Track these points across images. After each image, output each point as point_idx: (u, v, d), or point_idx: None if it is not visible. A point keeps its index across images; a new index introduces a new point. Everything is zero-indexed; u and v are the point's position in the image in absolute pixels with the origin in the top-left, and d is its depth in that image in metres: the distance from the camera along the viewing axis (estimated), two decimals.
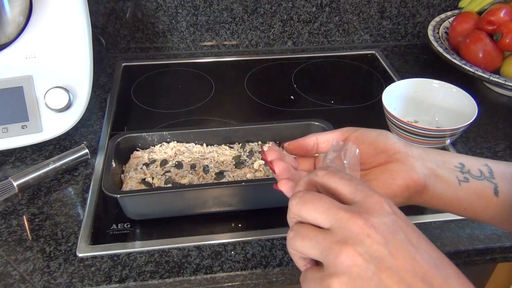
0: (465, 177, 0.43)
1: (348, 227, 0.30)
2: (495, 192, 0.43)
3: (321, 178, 0.35)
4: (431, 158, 0.44)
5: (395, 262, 0.29)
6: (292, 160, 0.48)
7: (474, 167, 0.44)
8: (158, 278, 0.56)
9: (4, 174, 0.71)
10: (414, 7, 1.06)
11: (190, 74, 0.99)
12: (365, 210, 0.31)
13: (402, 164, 0.42)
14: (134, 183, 0.63)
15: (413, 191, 0.42)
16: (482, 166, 0.44)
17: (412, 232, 0.31)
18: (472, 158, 0.45)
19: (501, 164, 0.45)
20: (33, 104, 0.71)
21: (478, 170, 0.44)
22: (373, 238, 0.30)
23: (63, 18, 0.71)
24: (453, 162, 0.44)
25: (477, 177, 0.43)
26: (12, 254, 0.59)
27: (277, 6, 1.02)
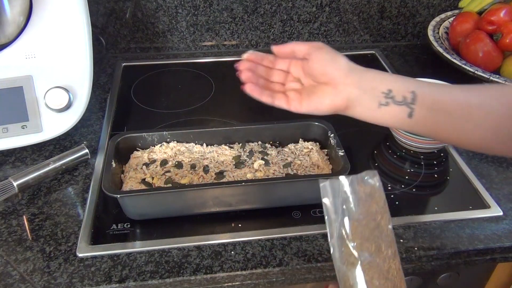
0: (387, 101, 0.52)
1: None
2: (410, 115, 0.52)
3: None
4: (362, 85, 0.53)
5: None
6: (269, 61, 0.60)
7: (400, 93, 0.52)
8: (158, 278, 0.56)
9: (4, 174, 0.71)
10: (414, 7, 1.06)
11: (190, 74, 0.99)
12: None
13: (333, 89, 0.54)
14: (134, 183, 0.63)
15: (336, 109, 0.55)
16: (408, 92, 0.52)
17: None
18: (404, 83, 0.53)
19: (430, 89, 0.53)
20: (33, 104, 0.71)
21: (402, 96, 0.52)
22: None
23: (63, 18, 0.71)
24: (381, 88, 0.53)
25: (398, 102, 0.52)
26: (12, 254, 0.59)
27: (277, 6, 1.02)
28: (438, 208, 0.67)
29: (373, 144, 0.79)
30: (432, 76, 0.81)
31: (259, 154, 0.69)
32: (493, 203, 0.67)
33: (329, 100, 0.54)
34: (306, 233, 0.62)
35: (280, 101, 0.58)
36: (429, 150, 0.76)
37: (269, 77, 0.60)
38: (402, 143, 0.77)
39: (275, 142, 0.72)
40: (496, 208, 0.67)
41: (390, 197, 0.68)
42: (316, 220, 0.64)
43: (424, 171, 0.74)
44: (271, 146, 0.71)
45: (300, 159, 0.68)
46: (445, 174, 0.74)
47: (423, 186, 0.71)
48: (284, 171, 0.66)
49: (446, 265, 0.62)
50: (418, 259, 0.61)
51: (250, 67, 0.59)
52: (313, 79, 0.57)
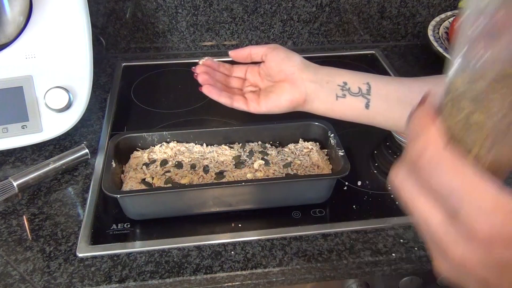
0: (343, 93, 0.54)
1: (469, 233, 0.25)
2: (367, 105, 0.54)
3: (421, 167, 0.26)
4: (319, 78, 0.55)
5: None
6: (226, 69, 0.63)
7: (355, 85, 0.54)
8: (158, 278, 0.56)
9: (4, 174, 0.71)
10: (414, 7, 1.06)
11: (190, 74, 0.99)
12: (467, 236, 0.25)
13: (291, 84, 0.56)
14: (134, 183, 0.63)
15: (295, 105, 0.56)
16: (363, 84, 0.54)
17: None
18: (358, 76, 0.55)
19: (383, 80, 0.55)
20: (33, 104, 0.71)
21: (358, 88, 0.54)
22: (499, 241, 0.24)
23: (63, 18, 0.71)
24: (337, 81, 0.55)
25: (354, 93, 0.54)
26: (12, 254, 0.59)
27: (277, 6, 1.02)
28: None
29: (373, 144, 0.79)
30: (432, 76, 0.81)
31: (259, 154, 0.69)
32: None
33: (287, 96, 0.56)
34: (306, 233, 0.62)
35: (238, 102, 0.59)
36: None
37: (226, 83, 0.62)
38: (402, 143, 0.77)
39: (275, 142, 0.72)
40: None
41: (390, 197, 0.68)
42: (316, 220, 0.64)
43: None
44: (271, 146, 0.71)
45: (300, 159, 0.68)
46: None
47: None
48: (284, 171, 0.66)
49: None
50: (418, 259, 0.61)
51: (207, 71, 0.61)
52: (271, 79, 0.59)
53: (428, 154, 0.25)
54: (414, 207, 0.27)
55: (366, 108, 0.54)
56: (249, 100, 0.59)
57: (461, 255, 0.24)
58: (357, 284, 0.65)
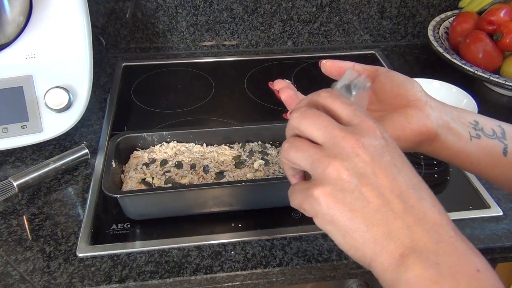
0: (477, 133, 0.45)
1: (340, 144, 0.33)
2: (504, 152, 0.45)
3: (323, 99, 0.37)
4: (448, 111, 0.46)
5: (377, 179, 0.33)
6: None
7: (488, 126, 0.46)
8: (158, 278, 0.56)
9: (4, 174, 0.71)
10: (414, 7, 1.06)
11: (190, 74, 0.99)
12: (359, 132, 0.34)
13: (419, 111, 0.44)
14: (134, 183, 0.63)
15: (424, 138, 0.44)
16: (496, 126, 0.46)
17: (398, 157, 0.35)
18: (487, 118, 0.47)
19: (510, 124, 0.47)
20: (33, 104, 0.71)
21: (491, 129, 0.46)
22: (361, 157, 0.33)
23: (63, 18, 0.71)
24: (468, 119, 0.46)
25: (489, 135, 0.45)
26: (12, 254, 0.59)
27: (277, 6, 1.02)
28: None
29: None
30: (432, 76, 0.81)
31: (259, 154, 0.69)
32: (493, 203, 0.67)
33: (414, 125, 0.43)
34: (306, 233, 0.62)
35: None
36: None
37: None
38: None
39: (275, 142, 0.72)
40: (496, 208, 0.67)
41: None
42: None
43: (424, 171, 0.74)
44: (271, 146, 0.71)
45: None
46: (445, 174, 0.74)
47: None
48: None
49: None
50: None
51: (290, 86, 0.49)
52: (379, 106, 0.47)
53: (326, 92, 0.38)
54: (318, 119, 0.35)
55: (503, 155, 0.45)
56: None
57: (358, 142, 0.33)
58: (357, 284, 0.65)
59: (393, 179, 0.33)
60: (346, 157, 0.33)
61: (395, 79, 0.47)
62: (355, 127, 0.34)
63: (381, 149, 0.34)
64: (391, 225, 0.32)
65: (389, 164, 0.33)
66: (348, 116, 0.35)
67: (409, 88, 0.45)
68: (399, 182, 0.33)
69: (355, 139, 0.33)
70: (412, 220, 0.32)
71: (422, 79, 0.79)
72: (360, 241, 0.33)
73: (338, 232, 0.34)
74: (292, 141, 0.36)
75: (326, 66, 0.50)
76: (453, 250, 0.32)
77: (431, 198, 0.34)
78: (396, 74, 0.47)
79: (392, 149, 0.35)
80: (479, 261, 0.32)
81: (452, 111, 0.46)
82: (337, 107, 0.36)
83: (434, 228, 0.32)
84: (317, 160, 0.34)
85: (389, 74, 0.47)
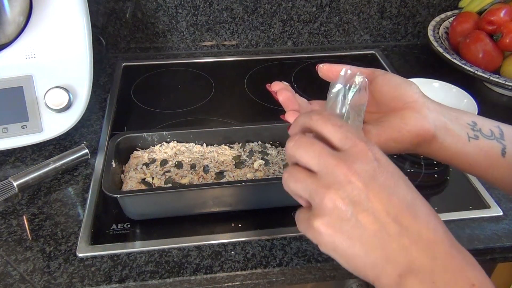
0: (476, 134, 0.45)
1: (334, 173, 0.34)
2: (503, 152, 0.45)
3: (314, 123, 0.38)
4: (446, 112, 0.46)
5: (371, 204, 0.33)
6: (304, 102, 0.50)
7: (486, 126, 0.46)
8: (158, 278, 0.56)
9: (4, 174, 0.71)
10: (414, 7, 1.06)
11: (190, 74, 0.99)
12: (350, 158, 0.34)
13: (416, 113, 0.44)
14: (134, 183, 0.63)
15: (422, 139, 0.44)
16: (494, 127, 0.46)
17: (391, 176, 0.35)
18: (485, 119, 0.47)
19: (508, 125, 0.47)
20: (33, 104, 0.71)
21: (489, 130, 0.46)
22: (354, 184, 0.34)
23: (63, 18, 0.71)
24: (466, 120, 0.46)
25: (487, 136, 0.45)
26: (12, 254, 0.59)
27: (277, 6, 1.02)
28: (438, 208, 0.67)
29: None
30: (432, 76, 0.81)
31: (259, 154, 0.69)
32: (493, 203, 0.68)
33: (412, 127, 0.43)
34: None
35: None
36: None
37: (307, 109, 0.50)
38: None
39: (275, 142, 0.72)
40: (496, 208, 0.67)
41: None
42: None
43: (424, 171, 0.74)
44: (271, 146, 0.71)
45: None
46: (445, 174, 0.74)
47: (423, 186, 0.71)
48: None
49: None
50: None
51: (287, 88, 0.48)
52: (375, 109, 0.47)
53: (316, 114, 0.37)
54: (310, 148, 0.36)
55: (502, 156, 0.45)
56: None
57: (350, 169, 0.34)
58: (357, 284, 0.65)
59: (388, 201, 0.34)
60: (340, 185, 0.34)
61: (392, 81, 0.46)
62: (347, 152, 0.35)
63: (373, 172, 0.34)
64: (388, 248, 0.33)
65: (382, 186, 0.34)
66: (339, 141, 0.36)
67: (406, 90, 0.45)
68: (393, 203, 0.34)
69: (347, 167, 0.34)
70: (407, 241, 0.33)
71: (422, 79, 0.79)
72: (361, 266, 0.35)
73: (341, 258, 0.35)
74: (290, 171, 0.37)
75: (323, 71, 0.50)
76: (448, 266, 0.33)
77: (425, 214, 0.35)
78: (393, 76, 0.47)
79: (385, 169, 0.35)
80: (475, 275, 0.34)
81: (450, 112, 0.46)
82: (328, 131, 0.36)
83: (429, 247, 0.34)
84: (314, 191, 0.35)
85: (386, 76, 0.47)
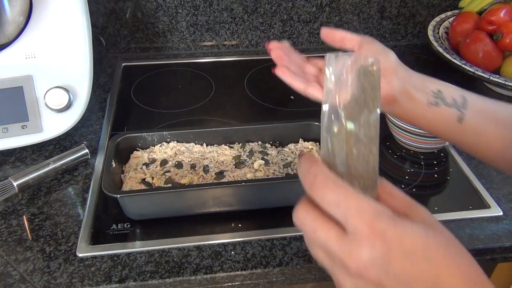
0: (437, 101, 0.50)
1: (343, 264, 0.31)
2: (460, 119, 0.49)
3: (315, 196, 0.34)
4: (413, 80, 0.51)
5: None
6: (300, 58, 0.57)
7: (450, 95, 0.50)
8: (158, 278, 0.56)
9: (4, 174, 0.71)
10: (414, 7, 1.06)
11: (190, 74, 0.99)
12: (357, 247, 0.30)
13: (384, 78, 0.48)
14: (134, 183, 0.63)
15: (385, 101, 0.51)
16: (458, 96, 0.50)
17: (405, 259, 0.30)
18: (454, 88, 0.51)
19: (479, 99, 0.51)
20: (33, 104, 0.71)
21: (452, 99, 0.50)
22: (366, 278, 0.30)
23: (63, 18, 0.71)
24: (431, 87, 0.51)
25: (448, 104, 0.50)
26: (12, 254, 0.59)
27: (277, 6, 1.02)
28: (438, 208, 0.67)
29: None
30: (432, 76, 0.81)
31: (259, 154, 0.69)
32: (493, 203, 0.68)
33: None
34: None
35: (313, 89, 0.52)
36: (429, 150, 0.76)
37: (301, 67, 0.56)
38: (402, 143, 0.77)
39: (275, 142, 0.72)
40: (496, 208, 0.67)
41: None
42: None
43: (424, 171, 0.74)
44: (271, 146, 0.71)
45: None
46: (445, 174, 0.74)
47: (423, 186, 0.71)
48: (284, 171, 0.66)
49: None
50: None
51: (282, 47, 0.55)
52: None
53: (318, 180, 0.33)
54: (315, 235, 0.32)
55: (458, 123, 0.49)
56: None
57: (358, 263, 0.30)
58: None
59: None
60: (351, 278, 0.31)
61: (373, 49, 0.53)
62: (351, 236, 0.30)
63: (384, 261, 0.29)
64: None
65: (397, 274, 0.29)
66: (341, 218, 0.31)
67: (382, 58, 0.50)
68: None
69: (353, 260, 0.30)
70: None
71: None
72: None
73: None
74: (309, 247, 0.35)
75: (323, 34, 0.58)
76: None
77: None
78: (375, 44, 0.54)
79: (397, 253, 0.30)
80: None
81: (417, 81, 0.51)
82: (329, 208, 0.32)
83: None
84: (334, 275, 0.33)
85: (371, 44, 0.54)
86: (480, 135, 0.50)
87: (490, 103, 0.51)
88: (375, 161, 0.38)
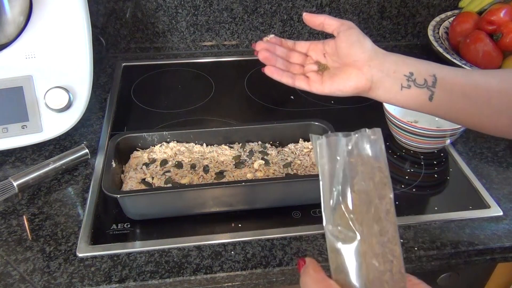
0: (409, 84, 0.54)
1: None
2: (430, 98, 0.54)
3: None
4: (386, 68, 0.55)
5: None
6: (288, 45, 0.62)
7: (421, 76, 0.54)
8: (158, 278, 0.56)
9: (4, 174, 0.71)
10: (414, 7, 1.06)
11: (190, 74, 0.99)
12: None
13: (358, 70, 0.56)
14: (134, 183, 0.63)
15: (361, 90, 0.56)
16: (429, 76, 0.54)
17: None
18: (425, 67, 0.55)
19: (450, 73, 0.54)
20: (33, 104, 0.71)
21: (423, 79, 0.54)
22: None
23: (63, 18, 0.71)
24: (403, 71, 0.55)
25: (419, 85, 0.54)
26: (12, 254, 0.59)
27: (277, 6, 1.02)
28: (438, 208, 0.67)
29: None
30: None
31: (259, 154, 0.69)
32: (493, 203, 0.68)
33: (353, 82, 0.56)
34: (306, 233, 0.62)
35: (300, 82, 0.58)
36: (429, 150, 0.76)
37: (287, 58, 0.61)
38: (402, 143, 0.77)
39: (275, 142, 0.72)
40: (496, 208, 0.67)
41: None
42: (316, 220, 0.64)
43: (424, 171, 0.74)
44: (271, 146, 0.71)
45: (300, 159, 0.68)
46: (445, 174, 0.74)
47: (423, 186, 0.71)
48: (284, 171, 0.66)
49: (446, 265, 0.63)
50: (418, 259, 0.61)
51: (268, 47, 0.60)
52: (336, 60, 0.58)
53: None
54: None
55: (429, 100, 0.54)
56: (312, 81, 0.58)
57: None
58: None
59: None
60: None
61: (349, 39, 0.56)
62: None
63: None
64: None
65: None
66: None
67: (357, 49, 0.55)
68: None
69: None
70: None
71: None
72: None
73: None
74: None
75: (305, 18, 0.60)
76: None
77: None
78: (352, 33, 0.56)
79: None
80: None
81: (390, 66, 0.55)
82: None
83: None
84: None
85: (347, 32, 0.56)
86: (451, 109, 0.55)
87: (460, 77, 0.54)
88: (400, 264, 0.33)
